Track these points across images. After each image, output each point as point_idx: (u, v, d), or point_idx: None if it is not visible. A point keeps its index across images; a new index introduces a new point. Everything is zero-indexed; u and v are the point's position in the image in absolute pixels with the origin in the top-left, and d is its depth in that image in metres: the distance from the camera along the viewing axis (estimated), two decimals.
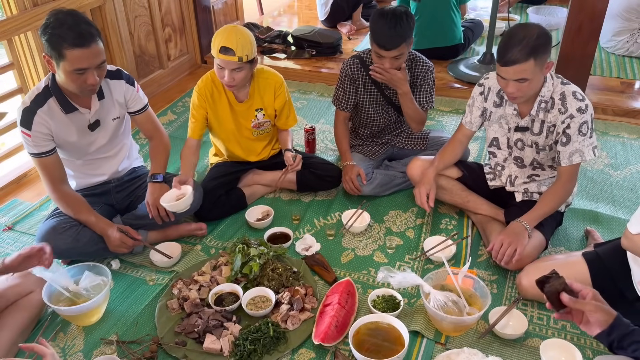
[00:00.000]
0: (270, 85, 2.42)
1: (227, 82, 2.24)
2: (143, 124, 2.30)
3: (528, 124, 2.06)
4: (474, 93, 2.21)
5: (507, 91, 1.91)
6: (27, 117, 1.97)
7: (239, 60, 2.17)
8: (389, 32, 2.23)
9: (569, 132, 1.96)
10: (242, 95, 2.39)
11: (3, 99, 2.78)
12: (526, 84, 1.87)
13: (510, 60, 1.82)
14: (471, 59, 3.86)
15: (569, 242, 2.28)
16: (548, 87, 1.97)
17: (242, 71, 2.22)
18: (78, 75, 1.87)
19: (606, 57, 3.98)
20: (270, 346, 1.80)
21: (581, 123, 1.94)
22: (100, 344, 1.87)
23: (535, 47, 1.81)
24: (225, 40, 2.15)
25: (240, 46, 2.15)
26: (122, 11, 3.31)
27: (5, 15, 2.68)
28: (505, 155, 2.21)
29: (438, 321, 1.83)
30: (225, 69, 2.20)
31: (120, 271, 2.19)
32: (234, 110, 2.42)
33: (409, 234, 2.37)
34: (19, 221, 2.51)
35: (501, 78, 1.91)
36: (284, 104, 2.46)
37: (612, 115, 3.29)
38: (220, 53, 2.16)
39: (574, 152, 1.98)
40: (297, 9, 5.43)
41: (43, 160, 2.04)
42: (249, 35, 2.21)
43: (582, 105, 1.94)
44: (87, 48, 1.83)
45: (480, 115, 2.20)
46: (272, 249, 2.16)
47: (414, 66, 2.50)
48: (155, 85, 3.74)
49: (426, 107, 2.56)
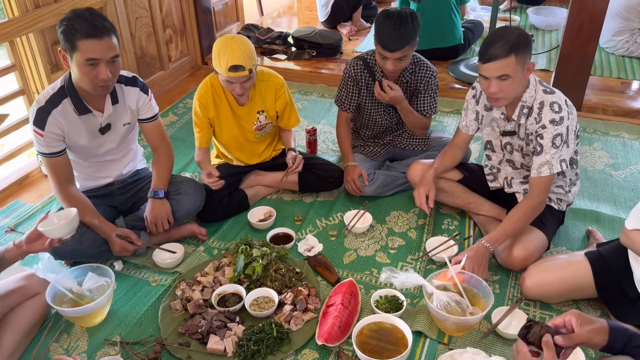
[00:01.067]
0: (270, 87, 2.42)
1: (239, 92, 2.25)
2: (150, 132, 2.28)
3: (514, 128, 2.06)
4: (468, 96, 2.22)
5: (490, 92, 1.91)
6: (41, 116, 1.98)
7: (249, 72, 2.18)
8: (393, 33, 2.24)
9: (542, 142, 1.96)
10: (244, 99, 2.39)
11: (5, 101, 2.78)
12: (508, 82, 1.87)
13: (491, 56, 1.83)
14: (471, 59, 3.87)
15: (571, 242, 2.29)
16: (530, 92, 1.97)
17: (252, 79, 2.25)
18: (90, 68, 1.88)
19: (606, 58, 3.99)
20: (274, 347, 1.80)
21: (555, 135, 1.93)
22: (104, 345, 1.87)
23: (515, 44, 1.82)
24: (232, 58, 2.13)
25: (247, 59, 2.15)
26: (123, 12, 3.32)
27: (7, 17, 2.68)
28: (500, 158, 2.22)
29: (441, 321, 1.83)
30: (236, 83, 2.21)
31: (124, 272, 2.20)
32: (235, 114, 2.43)
33: (411, 235, 2.37)
34: (21, 223, 2.52)
35: (484, 79, 1.91)
36: (285, 105, 2.47)
37: (612, 115, 3.30)
38: (230, 72, 2.15)
39: (543, 164, 1.96)
40: (297, 10, 5.44)
41: (53, 161, 2.05)
42: (248, 43, 2.20)
43: (557, 117, 1.92)
44: (99, 39, 1.85)
45: (475, 119, 2.21)
46: (274, 249, 2.17)
47: (417, 70, 2.50)
48: (156, 86, 3.75)
49: (429, 113, 2.57)
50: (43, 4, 2.79)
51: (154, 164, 2.30)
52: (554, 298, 1.95)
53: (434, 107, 2.57)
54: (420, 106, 2.55)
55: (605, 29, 3.79)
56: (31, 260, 2.27)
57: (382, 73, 2.47)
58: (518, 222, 2.00)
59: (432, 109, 2.57)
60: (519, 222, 2.00)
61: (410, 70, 2.48)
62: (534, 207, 2.00)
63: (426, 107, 2.55)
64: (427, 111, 2.56)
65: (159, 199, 2.20)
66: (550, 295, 1.93)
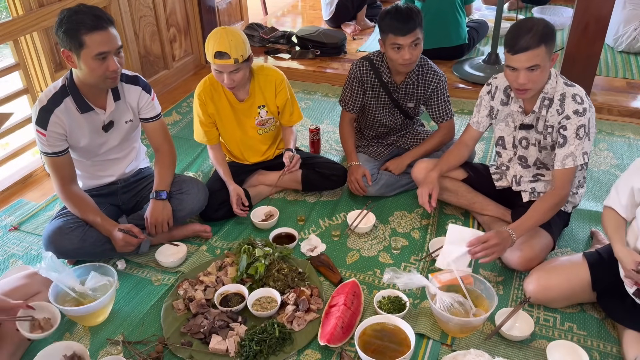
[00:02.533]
0: (270, 82, 2.42)
1: (227, 84, 2.25)
2: (152, 132, 2.27)
3: (532, 121, 2.05)
4: (482, 92, 2.20)
5: (519, 83, 1.89)
6: (44, 116, 1.97)
7: (235, 62, 2.17)
8: (400, 17, 2.26)
9: (565, 133, 1.95)
10: (243, 94, 2.40)
11: (9, 100, 2.79)
12: (537, 72, 1.86)
13: (522, 47, 1.82)
14: (476, 59, 3.85)
15: (576, 243, 2.27)
16: (552, 84, 1.97)
17: (240, 71, 2.23)
18: (100, 62, 1.88)
19: (612, 58, 3.97)
20: (276, 347, 1.80)
21: (578, 126, 1.93)
22: (107, 344, 1.87)
23: (544, 35, 1.83)
24: (218, 45, 2.15)
25: (234, 48, 2.15)
26: (127, 12, 3.32)
27: (11, 15, 2.68)
28: (510, 155, 2.21)
29: (444, 322, 1.82)
30: (224, 72, 2.21)
31: (126, 271, 2.20)
32: (235, 110, 2.43)
33: (414, 235, 2.36)
34: (24, 221, 2.52)
35: (510, 71, 1.90)
36: (285, 101, 2.46)
37: (617, 115, 3.28)
38: (215, 58, 2.17)
39: (567, 156, 1.96)
40: (301, 9, 5.43)
41: (55, 160, 2.04)
42: (240, 34, 2.20)
43: (580, 108, 1.93)
44: (105, 31, 1.85)
45: (487, 115, 2.20)
46: (277, 249, 2.16)
47: (424, 73, 2.48)
48: (160, 85, 3.75)
49: (445, 119, 2.55)
50: (47, 3, 2.79)
51: (156, 164, 2.29)
52: (558, 302, 1.93)
53: (448, 112, 2.55)
54: (435, 113, 2.54)
55: (613, 20, 3.74)
56: (34, 259, 2.28)
57: (389, 74, 2.46)
58: (545, 214, 1.98)
59: (447, 114, 2.55)
60: (545, 215, 1.98)
61: (416, 71, 2.47)
62: (559, 200, 2.00)
63: (441, 113, 2.54)
64: (443, 117, 2.54)
65: (161, 201, 2.20)
66: (554, 299, 1.92)
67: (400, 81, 2.48)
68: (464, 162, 2.35)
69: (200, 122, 2.44)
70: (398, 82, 2.48)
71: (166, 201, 2.20)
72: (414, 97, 2.52)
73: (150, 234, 2.20)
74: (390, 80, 2.48)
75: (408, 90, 2.50)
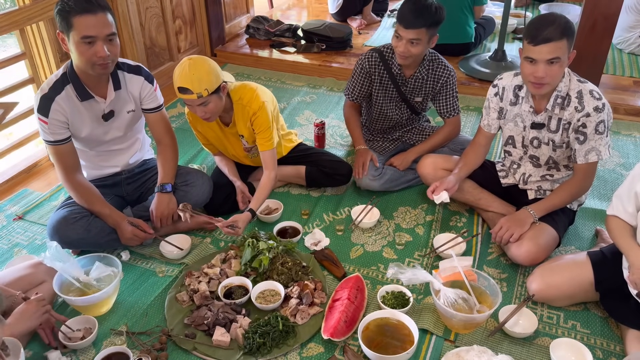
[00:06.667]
0: (246, 114, 2.26)
1: (201, 116, 2.14)
2: (154, 123, 2.26)
3: (544, 120, 2.04)
4: (489, 95, 2.19)
5: (537, 76, 1.87)
6: (45, 104, 1.97)
7: (198, 97, 2.04)
8: (413, 7, 2.23)
9: (585, 130, 1.95)
10: (227, 119, 2.32)
11: (15, 89, 2.78)
12: (556, 66, 1.85)
13: (545, 38, 1.81)
14: (482, 55, 3.84)
15: (580, 241, 2.27)
16: (565, 82, 1.96)
17: (210, 103, 2.09)
18: (87, 46, 1.86)
19: (619, 56, 3.94)
20: (280, 340, 1.80)
21: (598, 122, 1.93)
22: (110, 334, 1.88)
23: (566, 29, 1.82)
24: (180, 80, 2.03)
25: (196, 82, 2.01)
26: (133, 2, 3.31)
27: (17, 5, 2.68)
28: (521, 154, 2.20)
29: (448, 318, 1.82)
30: (193, 106, 2.11)
31: (130, 262, 2.20)
32: (225, 132, 2.38)
33: (418, 231, 2.36)
34: (29, 211, 2.52)
35: (529, 63, 1.87)
36: (260, 130, 2.26)
37: (624, 114, 3.27)
38: (180, 93, 2.07)
39: (590, 150, 1.97)
40: (307, 3, 5.40)
41: (58, 148, 2.04)
42: (207, 65, 2.05)
43: (599, 104, 1.93)
44: (94, 15, 1.83)
45: (497, 117, 2.18)
46: (281, 243, 2.16)
47: (433, 67, 2.46)
48: (165, 77, 3.73)
49: (451, 115, 2.54)
50: None
51: (159, 156, 2.28)
52: (561, 301, 1.93)
53: (455, 107, 2.53)
54: (442, 108, 2.53)
55: (618, 24, 3.73)
56: (39, 249, 2.28)
57: (399, 66, 2.44)
58: (565, 195, 2.08)
59: (454, 110, 2.53)
60: (565, 196, 2.07)
61: (426, 66, 2.45)
62: (582, 186, 2.07)
63: (448, 108, 2.52)
64: (450, 113, 2.53)
65: (166, 194, 2.19)
66: (556, 298, 1.92)
67: (409, 74, 2.47)
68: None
69: (198, 138, 2.46)
70: (407, 76, 2.47)
71: (171, 194, 2.20)
72: (422, 91, 2.51)
73: (155, 227, 2.20)
74: (400, 73, 2.46)
75: (417, 84, 2.49)
